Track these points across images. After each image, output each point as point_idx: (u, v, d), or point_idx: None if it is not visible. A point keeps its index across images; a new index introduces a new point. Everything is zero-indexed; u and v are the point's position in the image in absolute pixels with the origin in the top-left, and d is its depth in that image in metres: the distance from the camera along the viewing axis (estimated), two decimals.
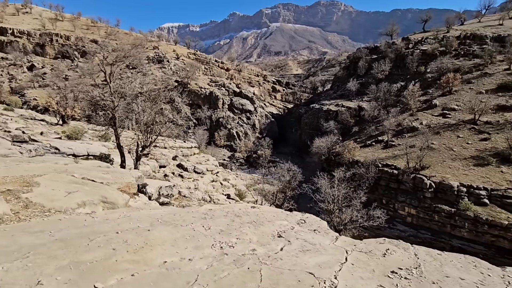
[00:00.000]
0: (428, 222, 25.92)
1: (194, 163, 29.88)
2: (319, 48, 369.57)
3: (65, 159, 6.98)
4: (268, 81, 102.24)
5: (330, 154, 41.62)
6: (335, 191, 14.46)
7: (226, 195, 25.13)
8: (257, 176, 49.75)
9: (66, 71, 68.36)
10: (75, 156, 14.39)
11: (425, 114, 39.31)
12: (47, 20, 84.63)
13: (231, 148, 59.17)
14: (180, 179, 19.36)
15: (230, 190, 31.00)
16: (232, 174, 43.88)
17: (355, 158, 35.11)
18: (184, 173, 22.80)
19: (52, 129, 20.76)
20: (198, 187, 19.33)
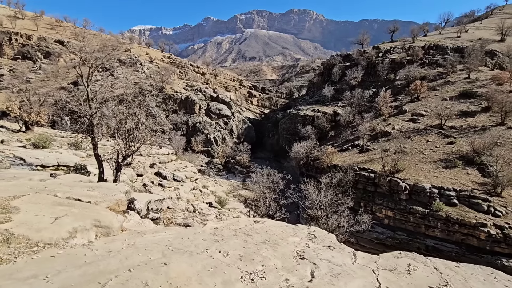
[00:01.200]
0: (404, 224, 26.97)
1: (172, 171, 28.70)
2: (292, 55, 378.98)
3: (39, 173, 6.13)
4: (244, 86, 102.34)
5: (308, 159, 42.23)
6: (322, 198, 14.45)
7: (207, 203, 24.35)
8: (236, 182, 49.17)
9: (27, 73, 63.21)
10: (44, 166, 13.05)
11: (397, 119, 41.34)
12: (5, 17, 78.15)
13: (208, 153, 58.01)
14: (161, 189, 18.36)
15: (210, 197, 30.19)
16: (211, 181, 42.90)
17: (334, 163, 35.88)
18: (164, 181, 21.71)
19: (14, 137, 18.79)
20: (180, 196, 18.46)
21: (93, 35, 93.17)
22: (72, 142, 23.29)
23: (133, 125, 10.24)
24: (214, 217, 15.07)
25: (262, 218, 10.58)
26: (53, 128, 40.67)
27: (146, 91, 53.18)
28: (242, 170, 53.57)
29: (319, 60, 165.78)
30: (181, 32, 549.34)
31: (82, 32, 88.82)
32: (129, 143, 10.40)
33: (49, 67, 68.38)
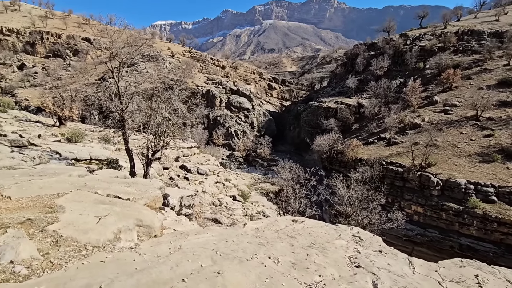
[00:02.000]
0: (436, 221, 25.65)
1: (196, 164, 29.07)
2: (312, 45, 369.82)
3: (77, 169, 6.18)
4: (264, 78, 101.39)
5: (331, 152, 41.21)
6: (352, 193, 13.89)
7: (231, 196, 24.43)
8: (257, 175, 49.16)
9: (58, 70, 66.36)
10: (78, 160, 13.50)
11: (427, 111, 39.11)
12: (37, 17, 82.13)
13: (229, 147, 58.34)
14: (187, 182, 18.56)
15: (232, 190, 30.31)
16: (233, 174, 43.12)
17: (359, 156, 34.72)
18: (189, 175, 22.00)
19: (50, 131, 19.68)
20: (205, 190, 18.58)
21: (118, 32, 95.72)
22: (101, 136, 24.14)
23: (163, 119, 10.24)
24: (240, 212, 15.01)
25: (292, 215, 10.28)
26: (83, 122, 42.43)
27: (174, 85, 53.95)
28: (263, 164, 53.42)
29: (341, 50, 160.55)
30: (200, 26, 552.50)
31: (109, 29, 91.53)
32: (159, 138, 10.43)
33: (78, 64, 71.35)
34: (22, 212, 3.44)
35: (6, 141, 11.72)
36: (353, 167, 34.00)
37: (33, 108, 53.38)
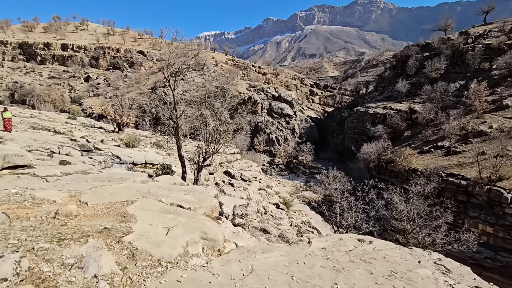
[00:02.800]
0: (510, 243, 22.19)
1: (239, 170, 29.34)
2: (356, 49, 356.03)
3: (139, 175, 6.38)
4: (306, 84, 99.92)
5: (380, 161, 38.51)
6: (412, 208, 12.52)
7: (274, 204, 24.06)
8: (299, 183, 48.07)
9: (117, 81, 73.30)
10: (135, 164, 14.39)
11: (495, 116, 34.52)
12: (101, 35, 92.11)
13: (270, 153, 58.19)
14: (232, 188, 18.70)
15: (274, 198, 29.90)
16: (274, 181, 42.75)
17: (412, 166, 31.85)
18: (233, 181, 22.22)
19: (110, 137, 21.52)
20: (250, 197, 18.50)
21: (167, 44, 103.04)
22: (154, 141, 25.72)
23: (214, 127, 10.38)
24: (287, 221, 14.55)
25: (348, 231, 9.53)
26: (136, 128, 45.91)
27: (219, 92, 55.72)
28: (305, 171, 52.15)
29: (388, 52, 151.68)
30: (242, 35, 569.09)
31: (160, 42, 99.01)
32: (210, 145, 10.58)
33: (133, 75, 78.08)
34: (98, 219, 3.54)
35: (77, 145, 12.92)
36: (406, 178, 31.29)
37: (95, 115, 59.47)
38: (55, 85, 69.42)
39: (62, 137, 15.08)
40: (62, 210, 3.43)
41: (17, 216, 3.21)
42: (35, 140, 11.23)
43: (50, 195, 4.10)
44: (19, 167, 5.50)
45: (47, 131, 16.60)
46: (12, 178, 4.89)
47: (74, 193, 4.39)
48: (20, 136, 11.59)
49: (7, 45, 79.66)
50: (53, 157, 7.71)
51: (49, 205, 3.77)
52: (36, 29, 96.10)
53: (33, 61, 78.26)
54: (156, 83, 74.12)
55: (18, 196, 3.92)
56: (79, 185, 4.91)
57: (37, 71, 75.06)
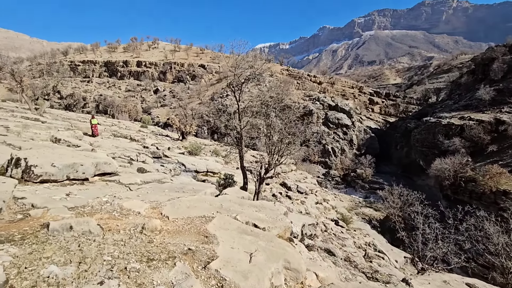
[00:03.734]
0: None
1: (294, 181, 28.57)
2: (422, 53, 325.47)
3: (208, 186, 6.33)
4: (365, 92, 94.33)
5: (457, 179, 33.47)
6: None
7: (333, 220, 22.59)
8: (357, 198, 44.75)
9: (180, 92, 79.84)
10: (197, 172, 14.92)
11: None
12: (168, 52, 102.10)
13: (325, 164, 55.81)
14: (289, 201, 18.09)
15: (331, 213, 28.19)
16: (330, 194, 40.57)
17: (502, 188, 26.84)
18: (290, 193, 21.58)
19: (175, 144, 23.06)
20: (308, 211, 17.61)
21: (225, 57, 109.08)
22: (212, 149, 26.76)
23: (279, 137, 10.06)
24: (351, 242, 13.29)
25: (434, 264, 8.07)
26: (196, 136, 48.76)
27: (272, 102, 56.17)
28: (364, 185, 48.41)
29: (463, 55, 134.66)
30: (296, 45, 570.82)
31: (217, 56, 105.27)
32: (273, 156, 10.27)
33: (194, 87, 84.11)
34: (180, 237, 3.41)
35: (149, 152, 13.93)
36: (494, 201, 26.58)
37: (161, 124, 65.32)
38: (130, 97, 78.81)
39: (136, 144, 16.56)
40: (148, 225, 3.39)
41: (108, 228, 3.25)
42: (116, 147, 12.43)
43: (135, 205, 4.19)
44: (107, 174, 5.93)
45: (125, 138, 18.46)
46: (102, 185, 5.24)
47: (155, 204, 4.45)
48: (104, 142, 12.98)
49: (95, 64, 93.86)
50: (132, 164, 8.27)
51: (135, 216, 3.82)
52: (118, 49, 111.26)
53: (115, 77, 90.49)
54: (214, 93, 78.45)
55: (108, 205, 4.09)
56: (158, 195, 4.99)
57: (117, 85, 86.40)
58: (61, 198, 4.02)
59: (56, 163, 4.83)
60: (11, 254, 2.33)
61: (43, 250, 2.50)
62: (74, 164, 5.08)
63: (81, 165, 5.21)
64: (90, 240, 2.89)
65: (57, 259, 2.42)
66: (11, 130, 8.83)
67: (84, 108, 71.93)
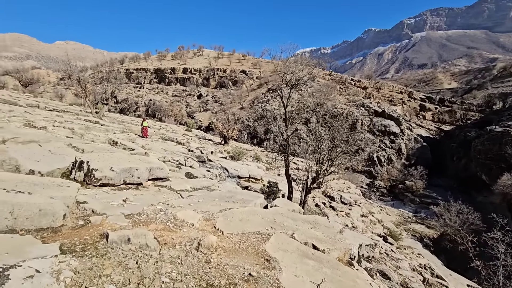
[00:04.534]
0: None
1: (337, 191, 27.16)
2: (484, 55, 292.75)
3: (256, 196, 6.01)
4: (415, 98, 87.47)
5: None
6: None
7: (381, 236, 20.83)
8: (406, 212, 41.13)
9: (222, 97, 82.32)
10: (240, 177, 14.79)
11: None
12: (212, 58, 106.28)
13: (370, 174, 52.51)
14: (333, 212, 17.08)
15: (377, 227, 26.15)
16: (376, 207, 37.89)
17: None
18: (333, 203, 20.46)
19: (217, 148, 23.45)
20: (355, 224, 16.43)
21: (266, 63, 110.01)
22: (253, 155, 26.70)
23: (331, 145, 9.43)
24: (407, 265, 11.93)
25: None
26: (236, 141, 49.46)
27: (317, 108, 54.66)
28: (414, 199, 44.33)
29: None
30: (339, 49, 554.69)
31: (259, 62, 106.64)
32: (322, 166, 9.64)
33: (236, 92, 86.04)
34: (238, 257, 3.11)
35: (194, 156, 14.19)
36: None
37: (203, 128, 67.82)
38: (176, 102, 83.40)
39: (182, 147, 17.08)
40: (204, 241, 3.15)
41: (164, 241, 3.08)
42: (165, 150, 12.87)
43: (188, 216, 4.02)
44: (159, 179, 5.95)
45: (172, 141, 19.22)
46: (155, 191, 5.24)
47: (207, 215, 4.25)
48: (154, 145, 13.55)
49: (147, 71, 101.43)
50: (180, 169, 8.35)
51: (189, 229, 3.63)
52: (167, 57, 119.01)
53: (163, 83, 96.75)
54: (255, 99, 79.33)
55: (162, 214, 3.98)
56: (209, 205, 4.81)
57: (165, 91, 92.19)
58: (118, 204, 4.01)
59: (115, 167, 4.92)
60: (72, 269, 2.23)
61: (102, 266, 2.38)
62: (130, 168, 5.15)
63: (136, 169, 5.27)
64: (147, 256, 2.72)
65: (116, 278, 2.26)
66: (75, 132, 9.58)
67: (136, 112, 77.84)
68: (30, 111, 14.74)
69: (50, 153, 5.08)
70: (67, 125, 10.71)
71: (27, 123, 8.84)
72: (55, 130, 8.88)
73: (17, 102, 16.85)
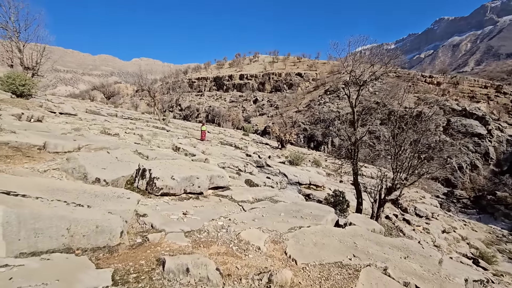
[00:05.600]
0: None
1: (410, 201, 23.94)
2: None
3: (327, 210, 5.13)
4: (505, 93, 73.61)
5: None
6: None
7: (470, 258, 17.40)
8: (498, 229, 34.20)
9: (277, 101, 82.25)
10: (300, 184, 13.91)
11: None
12: (267, 63, 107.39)
13: (448, 182, 45.59)
14: (408, 227, 14.83)
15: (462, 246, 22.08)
16: (457, 221, 32.43)
17: None
18: (407, 215, 17.91)
19: (275, 153, 22.93)
20: (437, 243, 13.94)
21: (322, 64, 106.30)
22: (312, 159, 25.43)
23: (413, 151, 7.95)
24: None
25: None
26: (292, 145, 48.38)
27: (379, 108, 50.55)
28: (509, 213, 36.71)
29: None
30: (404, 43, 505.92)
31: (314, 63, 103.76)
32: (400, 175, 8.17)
33: (291, 95, 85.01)
34: None
35: (252, 161, 13.85)
36: None
37: (259, 131, 68.50)
38: (233, 107, 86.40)
39: (240, 152, 16.99)
40: (276, 277, 2.50)
41: (228, 272, 2.54)
42: (224, 155, 12.82)
43: (253, 236, 3.44)
44: (219, 188, 5.59)
45: (230, 146, 19.39)
46: (215, 202, 4.85)
47: (275, 235, 3.61)
48: (214, 150, 13.65)
49: (207, 80, 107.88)
50: (240, 175, 7.96)
51: (255, 254, 3.05)
52: (225, 65, 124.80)
53: (221, 90, 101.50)
54: (311, 101, 77.08)
55: (224, 232, 3.49)
56: (275, 221, 4.16)
57: (223, 97, 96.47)
58: (178, 218, 3.67)
59: (175, 175, 4.68)
60: None
61: None
62: (190, 177, 4.87)
63: (196, 178, 4.96)
64: None
65: None
66: (144, 138, 10.10)
67: (197, 118, 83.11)
68: (109, 119, 16.48)
69: (117, 160, 5.13)
70: (137, 132, 11.48)
71: (103, 130, 9.68)
72: (126, 137, 9.51)
73: (99, 112, 19.11)
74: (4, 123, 6.22)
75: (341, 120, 55.26)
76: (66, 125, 9.12)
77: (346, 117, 11.88)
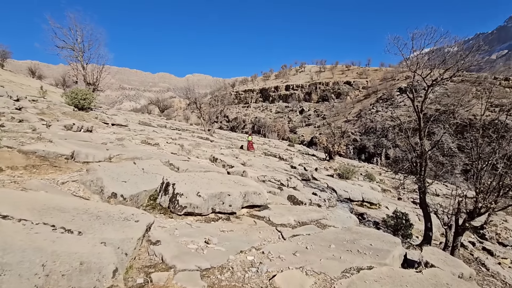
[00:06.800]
0: None
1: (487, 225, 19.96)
2: None
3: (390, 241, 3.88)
4: None
5: None
6: None
7: None
8: None
9: (324, 111, 79.43)
10: (351, 200, 12.39)
11: None
12: (314, 73, 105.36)
13: None
14: (492, 260, 11.99)
15: None
16: None
17: None
18: (486, 243, 14.72)
19: (322, 165, 21.41)
20: None
21: (374, 71, 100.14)
22: (365, 173, 23.14)
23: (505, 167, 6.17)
24: None
25: None
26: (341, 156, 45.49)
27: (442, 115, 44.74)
28: None
29: None
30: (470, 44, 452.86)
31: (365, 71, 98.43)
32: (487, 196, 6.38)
33: (339, 105, 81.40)
34: None
35: (297, 174, 12.80)
36: None
37: (306, 142, 66.49)
38: (279, 118, 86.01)
39: (284, 164, 16.04)
40: None
41: None
42: (266, 167, 12.05)
43: (293, 283, 2.52)
44: (255, 207, 4.79)
45: (274, 157, 18.58)
46: (248, 225, 4.06)
47: (322, 282, 2.63)
48: (256, 161, 12.98)
49: (253, 92, 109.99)
50: (282, 190, 7.07)
51: None
52: (271, 77, 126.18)
53: (267, 101, 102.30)
54: (361, 110, 72.63)
55: (253, 273, 2.64)
56: (323, 257, 3.16)
57: (269, 108, 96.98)
58: (197, 248, 2.93)
59: (202, 191, 4.03)
60: None
61: None
62: (220, 194, 4.17)
63: (228, 195, 4.25)
64: None
65: None
66: (184, 148, 9.92)
67: (244, 128, 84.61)
68: (157, 130, 17.12)
69: (143, 171, 4.71)
70: (179, 142, 11.46)
71: (145, 140, 9.77)
72: (166, 147, 9.43)
73: (150, 123, 20.12)
74: (49, 133, 6.49)
75: (400, 128, 50.31)
76: (112, 135, 9.42)
77: (409, 125, 10.36)
